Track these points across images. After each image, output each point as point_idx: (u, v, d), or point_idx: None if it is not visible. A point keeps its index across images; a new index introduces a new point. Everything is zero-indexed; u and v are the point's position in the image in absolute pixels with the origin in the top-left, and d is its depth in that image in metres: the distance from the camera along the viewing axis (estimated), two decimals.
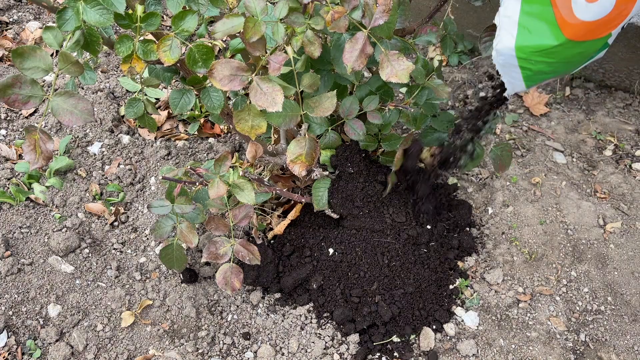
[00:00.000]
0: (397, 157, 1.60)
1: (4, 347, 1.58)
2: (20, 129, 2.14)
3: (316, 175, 1.68)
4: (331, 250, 1.70)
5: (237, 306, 1.73)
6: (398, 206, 1.74)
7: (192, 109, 2.16)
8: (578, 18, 1.21)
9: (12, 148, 2.05)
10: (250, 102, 1.18)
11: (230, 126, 2.07)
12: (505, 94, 1.45)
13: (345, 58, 1.17)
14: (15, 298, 1.67)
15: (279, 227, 1.78)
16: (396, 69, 1.17)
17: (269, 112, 1.16)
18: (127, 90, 2.30)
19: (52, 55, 2.31)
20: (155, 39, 1.17)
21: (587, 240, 1.88)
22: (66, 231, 1.81)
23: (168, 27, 2.46)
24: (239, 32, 1.11)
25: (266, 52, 1.15)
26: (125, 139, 2.13)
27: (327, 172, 1.75)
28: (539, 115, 2.26)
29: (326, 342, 1.65)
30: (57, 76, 1.08)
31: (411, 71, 1.18)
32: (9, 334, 1.61)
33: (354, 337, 1.64)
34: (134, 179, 2.01)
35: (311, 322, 1.68)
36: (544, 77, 1.38)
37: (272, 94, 1.14)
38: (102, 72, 2.37)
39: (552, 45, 1.27)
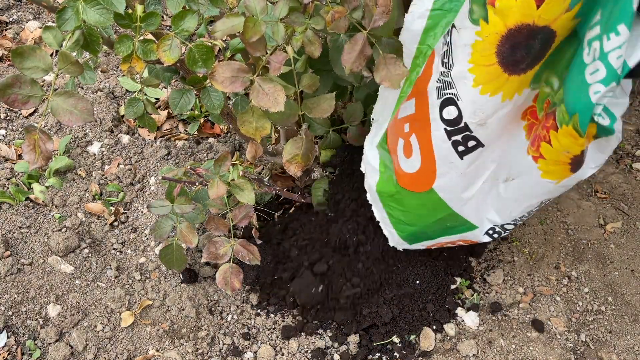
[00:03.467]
0: None
1: (3, 347, 1.58)
2: (20, 129, 2.14)
3: (316, 175, 1.68)
4: (330, 251, 1.70)
5: (237, 306, 1.73)
6: None
7: (192, 109, 2.16)
8: (403, 169, 1.36)
9: (12, 148, 2.05)
10: (252, 104, 1.18)
11: (230, 126, 2.07)
12: (389, 243, 1.60)
13: (343, 59, 1.17)
14: (14, 298, 1.67)
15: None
16: (391, 73, 1.17)
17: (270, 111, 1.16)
18: (127, 90, 2.30)
19: (51, 55, 2.31)
20: (155, 39, 1.16)
21: (587, 240, 1.88)
22: (66, 231, 1.81)
23: (168, 27, 2.46)
24: (238, 32, 1.10)
25: (266, 52, 1.15)
26: (125, 138, 2.13)
27: (328, 172, 1.76)
28: None
29: (326, 342, 1.65)
30: (57, 76, 1.08)
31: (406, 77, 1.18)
32: (9, 334, 1.61)
33: (354, 338, 1.64)
34: (133, 179, 2.01)
35: (312, 322, 1.68)
36: (414, 233, 1.50)
37: (274, 94, 1.14)
38: (101, 71, 2.37)
39: (392, 191, 1.41)
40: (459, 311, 1.71)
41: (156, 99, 2.26)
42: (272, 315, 1.71)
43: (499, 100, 1.10)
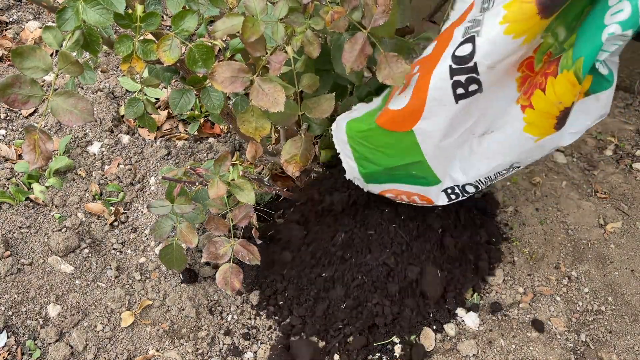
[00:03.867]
0: None
1: (3, 347, 1.58)
2: (20, 129, 2.14)
3: (316, 175, 1.68)
4: (329, 252, 1.70)
5: (237, 306, 1.73)
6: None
7: (192, 109, 2.16)
8: (387, 106, 1.32)
9: (12, 148, 2.05)
10: (252, 104, 1.18)
11: (230, 126, 2.07)
12: (346, 175, 1.54)
13: (344, 58, 1.17)
14: (15, 298, 1.67)
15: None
16: (393, 72, 1.17)
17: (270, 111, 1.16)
18: (126, 90, 2.30)
19: (51, 55, 2.31)
20: (155, 39, 1.16)
21: (587, 240, 1.88)
22: (66, 231, 1.81)
23: (168, 27, 2.46)
24: (238, 32, 1.10)
25: (266, 52, 1.15)
26: (125, 138, 2.13)
27: (327, 172, 1.75)
28: None
29: (327, 343, 1.65)
30: (57, 76, 1.08)
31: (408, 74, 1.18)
32: (9, 334, 1.61)
33: (355, 338, 1.64)
34: (133, 179, 2.01)
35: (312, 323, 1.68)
36: (375, 172, 1.45)
37: (273, 95, 1.14)
38: (101, 71, 2.37)
39: (364, 129, 1.38)
40: (459, 311, 1.71)
41: (156, 99, 2.26)
42: (272, 315, 1.71)
43: (518, 44, 1.08)
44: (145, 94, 1.49)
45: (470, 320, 1.69)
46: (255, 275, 1.76)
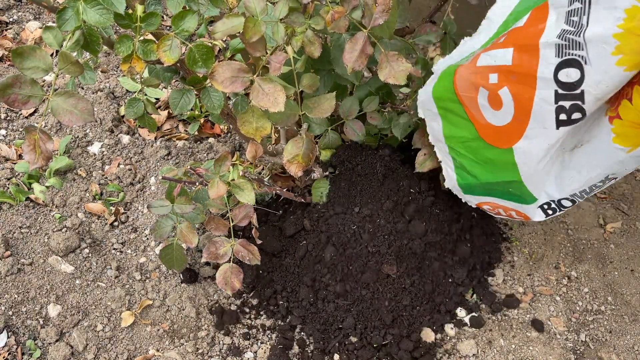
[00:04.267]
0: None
1: (4, 347, 1.58)
2: (20, 129, 2.14)
3: (316, 175, 1.68)
4: (329, 253, 1.70)
5: (237, 306, 1.73)
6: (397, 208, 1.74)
7: (192, 109, 2.16)
8: (487, 120, 1.30)
9: (12, 148, 2.05)
10: (252, 104, 1.18)
11: (230, 126, 2.07)
12: (445, 184, 1.58)
13: (345, 58, 1.17)
14: (15, 298, 1.67)
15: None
16: (395, 70, 1.17)
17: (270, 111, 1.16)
18: (127, 90, 2.30)
19: (52, 55, 2.31)
20: (155, 39, 1.17)
21: (587, 240, 1.88)
22: (66, 231, 1.81)
23: (168, 27, 2.46)
24: (239, 32, 1.11)
25: (266, 53, 1.15)
26: (125, 139, 2.13)
27: (327, 172, 1.76)
28: None
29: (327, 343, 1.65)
30: (57, 76, 1.08)
31: (410, 72, 1.18)
32: (9, 334, 1.61)
33: (355, 339, 1.64)
34: (134, 179, 2.01)
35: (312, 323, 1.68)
36: (473, 185, 1.48)
37: (274, 95, 1.14)
38: (102, 72, 2.37)
39: (467, 137, 1.38)
40: (459, 311, 1.71)
41: (156, 99, 2.26)
42: (273, 315, 1.71)
43: (628, 76, 1.04)
44: (146, 94, 1.49)
45: (470, 320, 1.69)
46: (256, 275, 1.76)
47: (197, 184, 1.45)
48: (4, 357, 1.56)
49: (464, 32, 2.44)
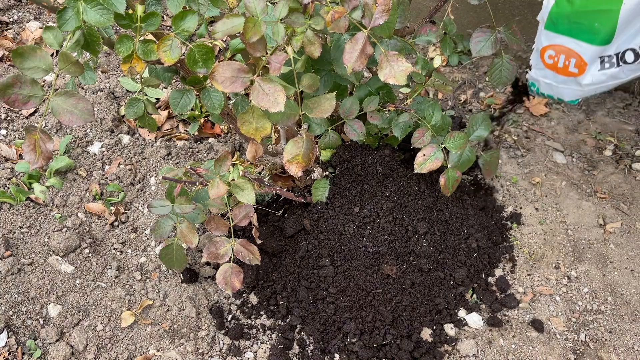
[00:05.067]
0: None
1: (4, 347, 1.58)
2: (21, 129, 2.14)
3: (316, 175, 1.68)
4: (329, 253, 1.70)
5: (237, 306, 1.73)
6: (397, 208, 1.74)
7: (192, 109, 2.16)
8: None
9: (12, 148, 2.05)
10: (252, 104, 1.18)
11: (231, 126, 2.07)
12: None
13: (345, 58, 1.17)
14: (15, 298, 1.67)
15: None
16: (395, 70, 1.17)
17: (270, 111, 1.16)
18: (127, 90, 2.30)
19: (52, 55, 2.31)
20: (155, 39, 1.17)
21: (587, 240, 1.88)
22: (66, 231, 1.81)
23: (168, 27, 2.47)
24: (239, 32, 1.11)
25: (266, 53, 1.15)
26: (126, 139, 2.13)
27: (327, 172, 1.76)
28: (539, 115, 2.26)
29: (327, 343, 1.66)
30: (57, 76, 1.08)
31: (410, 72, 1.18)
32: (9, 334, 1.61)
33: (355, 339, 1.64)
34: (134, 179, 2.01)
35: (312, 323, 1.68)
36: (564, 15, 1.48)
37: (274, 95, 1.14)
38: (102, 72, 2.37)
39: None
40: (459, 311, 1.71)
41: (156, 99, 2.26)
42: (273, 315, 1.71)
43: None
44: (146, 94, 1.49)
45: (470, 320, 1.70)
46: (256, 275, 1.76)
47: (197, 184, 1.45)
48: (4, 357, 1.56)
49: (464, 32, 2.44)
